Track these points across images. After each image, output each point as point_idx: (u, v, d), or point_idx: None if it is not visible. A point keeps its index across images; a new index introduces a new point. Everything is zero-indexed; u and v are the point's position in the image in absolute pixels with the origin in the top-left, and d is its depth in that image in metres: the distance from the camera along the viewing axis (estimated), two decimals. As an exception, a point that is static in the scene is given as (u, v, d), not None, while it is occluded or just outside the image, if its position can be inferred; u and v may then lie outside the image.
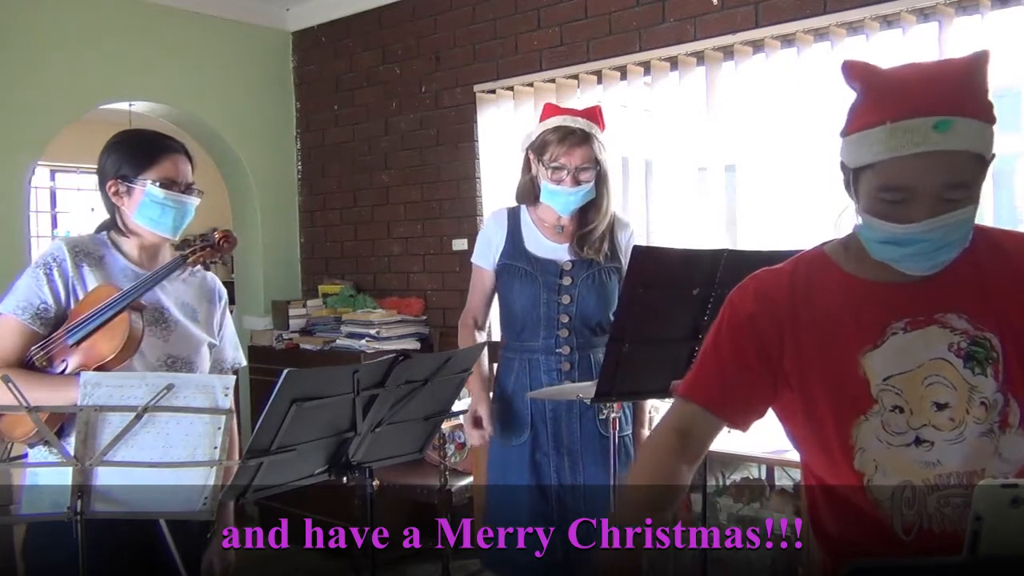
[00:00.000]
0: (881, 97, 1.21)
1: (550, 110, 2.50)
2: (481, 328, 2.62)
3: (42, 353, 1.86)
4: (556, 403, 2.39)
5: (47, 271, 1.88)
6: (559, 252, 2.46)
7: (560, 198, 2.40)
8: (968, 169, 1.18)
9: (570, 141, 2.37)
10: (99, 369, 1.81)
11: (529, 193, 2.51)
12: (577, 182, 2.38)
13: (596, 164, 2.41)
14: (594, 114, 2.46)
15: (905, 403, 1.27)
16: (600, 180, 2.44)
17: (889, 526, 1.28)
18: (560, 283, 2.42)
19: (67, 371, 1.84)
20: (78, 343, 1.84)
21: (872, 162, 1.20)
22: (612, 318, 2.45)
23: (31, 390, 1.74)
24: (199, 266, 2.04)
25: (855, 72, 1.26)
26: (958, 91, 1.18)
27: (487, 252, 2.53)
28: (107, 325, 1.83)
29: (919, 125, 1.16)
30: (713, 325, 1.42)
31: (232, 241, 2.01)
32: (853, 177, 1.27)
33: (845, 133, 1.27)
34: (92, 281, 1.91)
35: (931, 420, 1.27)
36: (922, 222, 1.18)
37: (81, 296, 1.89)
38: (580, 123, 2.40)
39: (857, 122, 1.24)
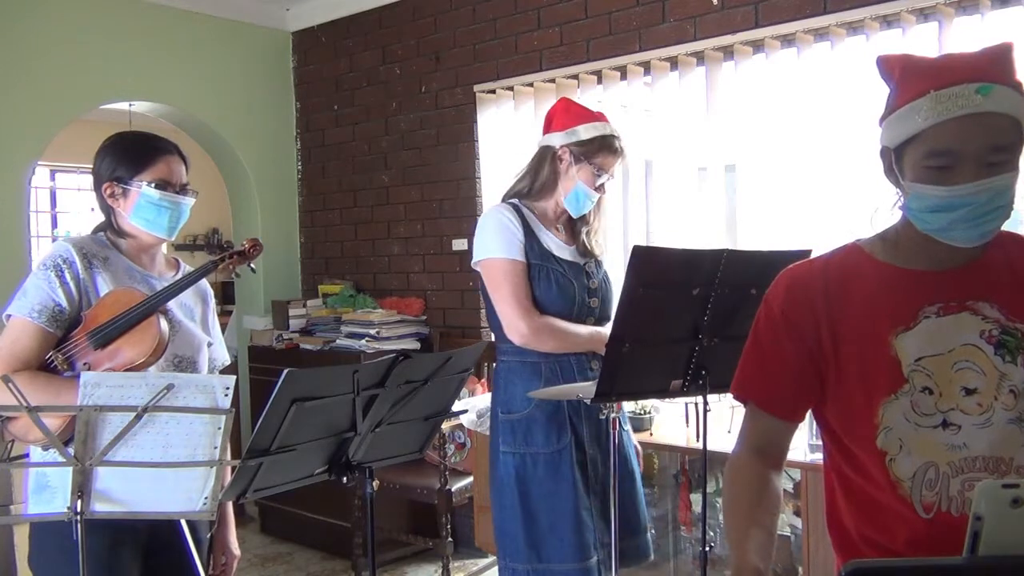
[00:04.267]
0: (923, 73, 1.28)
1: (583, 111, 2.47)
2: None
3: (61, 357, 1.85)
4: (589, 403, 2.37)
5: (59, 272, 1.86)
6: (574, 254, 2.45)
7: (587, 202, 2.43)
8: (1010, 133, 1.24)
9: (619, 155, 2.46)
10: (128, 372, 1.81)
11: (547, 189, 2.46)
12: (604, 190, 2.47)
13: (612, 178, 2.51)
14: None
15: (935, 385, 1.30)
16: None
17: (909, 507, 1.30)
18: (589, 285, 2.42)
19: None
20: (103, 346, 1.83)
21: (918, 131, 1.25)
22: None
23: (60, 395, 1.77)
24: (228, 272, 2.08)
25: (892, 62, 1.33)
26: (995, 64, 1.25)
27: (514, 245, 2.36)
28: (134, 329, 1.83)
29: (963, 90, 1.22)
30: (753, 324, 1.46)
31: (259, 248, 2.06)
32: (896, 157, 1.31)
33: (886, 115, 1.32)
34: (103, 282, 1.91)
35: (959, 404, 1.29)
36: (969, 183, 1.22)
37: (94, 298, 1.88)
38: (619, 136, 2.48)
39: (900, 98, 1.30)
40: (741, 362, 1.46)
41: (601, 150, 2.41)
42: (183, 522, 1.91)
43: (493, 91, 4.20)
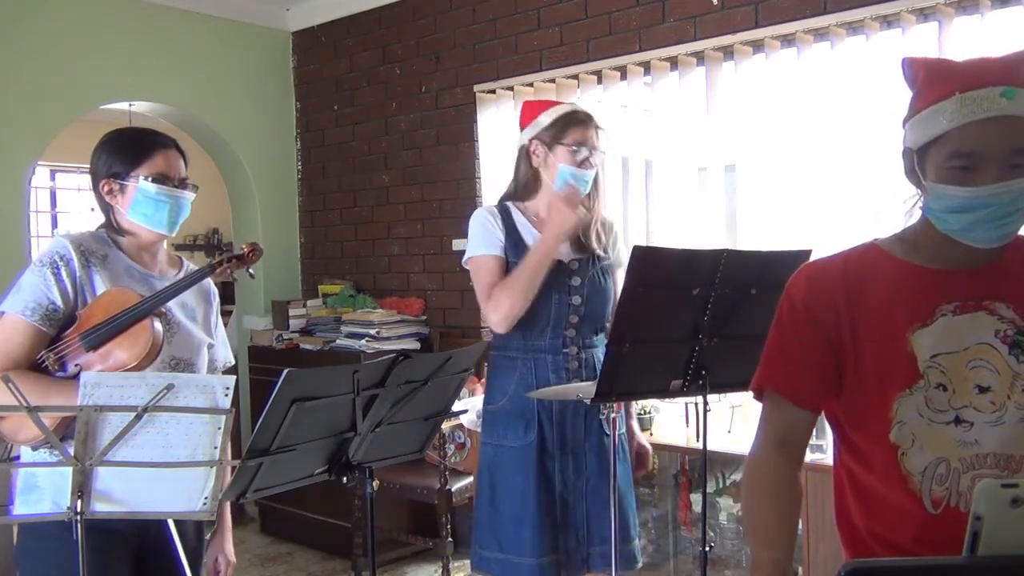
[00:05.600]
0: (948, 75, 1.30)
1: (542, 103, 2.51)
2: None
3: (53, 356, 1.83)
4: (562, 403, 2.37)
5: (54, 270, 1.84)
6: (567, 251, 2.43)
7: (579, 182, 2.39)
8: None
9: (589, 123, 2.41)
10: None
11: (531, 187, 2.47)
12: (591, 164, 2.41)
13: (600, 152, 2.44)
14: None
15: (949, 382, 1.32)
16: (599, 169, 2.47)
17: (918, 501, 1.32)
18: (569, 283, 2.40)
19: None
20: (95, 348, 1.81)
21: (942, 132, 1.27)
22: (611, 317, 2.46)
23: (49, 395, 1.74)
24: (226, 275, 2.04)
25: (916, 65, 1.35)
26: (1020, 68, 1.28)
27: (492, 242, 2.41)
28: (128, 331, 1.80)
29: (987, 93, 1.24)
30: (775, 317, 1.47)
31: (259, 253, 2.01)
32: (919, 158, 1.33)
33: (911, 116, 1.34)
34: (99, 281, 1.88)
35: (972, 402, 1.31)
36: (991, 184, 1.24)
37: (90, 296, 1.86)
38: (590, 112, 2.45)
39: (924, 100, 1.31)
40: (764, 354, 1.47)
41: (568, 125, 2.40)
42: (172, 526, 1.89)
43: (493, 91, 4.20)
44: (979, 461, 1.30)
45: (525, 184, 2.48)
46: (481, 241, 2.43)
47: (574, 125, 2.39)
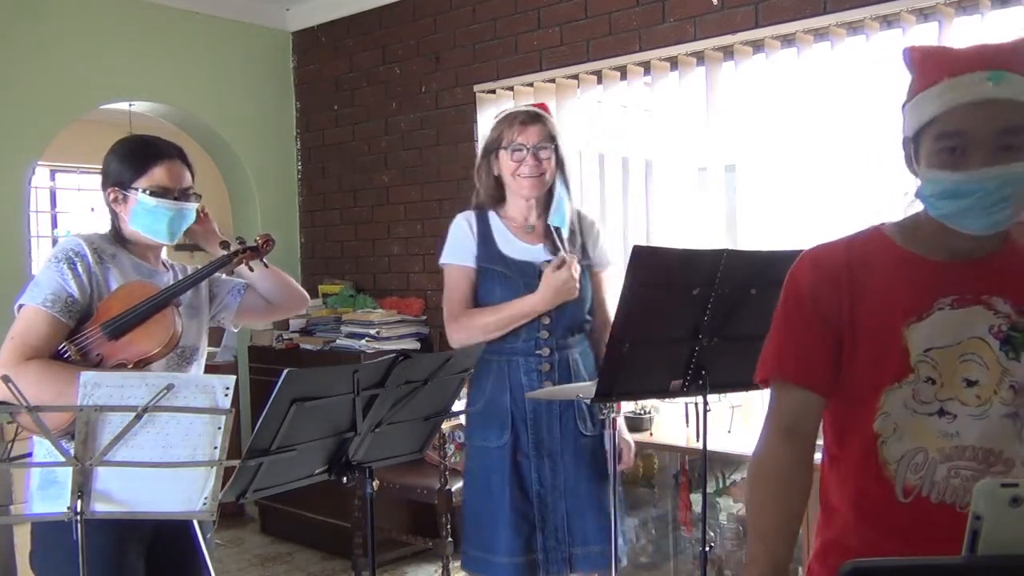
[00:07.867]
0: (939, 63, 1.32)
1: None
2: None
3: (75, 348, 1.86)
4: (536, 404, 2.37)
5: (71, 264, 1.88)
6: (534, 253, 2.42)
7: (527, 181, 2.39)
8: (1023, 117, 1.26)
9: (521, 119, 2.40)
10: (141, 362, 1.86)
11: (494, 194, 2.48)
12: (537, 159, 2.38)
13: (552, 142, 2.41)
14: (542, 107, 2.51)
15: (938, 376, 1.32)
16: (557, 165, 2.43)
17: (890, 489, 1.33)
18: (538, 285, 2.38)
19: (103, 364, 1.86)
20: (116, 337, 1.86)
21: (932, 116, 1.28)
22: (589, 317, 2.47)
23: (74, 383, 1.73)
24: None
25: (914, 52, 1.37)
26: (1008, 54, 1.29)
27: (462, 251, 2.44)
28: (150, 320, 1.87)
29: (974, 78, 1.26)
30: (779, 302, 1.47)
31: (272, 244, 2.14)
32: (914, 146, 1.34)
33: (906, 103, 1.36)
34: (113, 277, 1.93)
35: (958, 395, 1.32)
36: (980, 169, 1.24)
37: (105, 291, 1.91)
38: (528, 108, 2.47)
39: (917, 87, 1.33)
40: (769, 341, 1.46)
41: (502, 130, 2.42)
42: (197, 526, 1.94)
43: (493, 91, 4.20)
44: (957, 453, 1.31)
45: (489, 194, 2.49)
46: (451, 249, 2.47)
47: (506, 128, 2.41)
